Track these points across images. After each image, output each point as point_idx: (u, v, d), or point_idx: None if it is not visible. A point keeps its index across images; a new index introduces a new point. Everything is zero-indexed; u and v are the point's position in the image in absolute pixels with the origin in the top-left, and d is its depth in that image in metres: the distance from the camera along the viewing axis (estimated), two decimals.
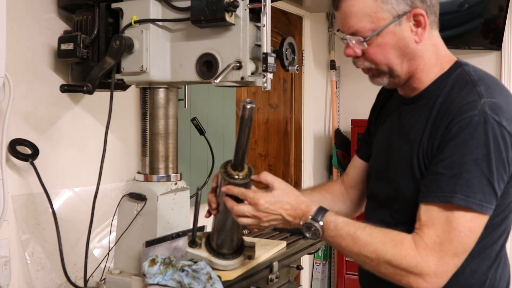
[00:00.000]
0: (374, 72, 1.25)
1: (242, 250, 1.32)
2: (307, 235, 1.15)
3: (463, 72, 1.19)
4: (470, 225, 1.06)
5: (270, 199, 1.16)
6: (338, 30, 1.26)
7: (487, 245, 1.18)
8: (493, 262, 1.21)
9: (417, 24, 1.17)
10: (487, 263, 1.20)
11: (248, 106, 1.11)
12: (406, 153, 1.20)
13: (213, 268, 1.29)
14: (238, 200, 1.18)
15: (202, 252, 1.30)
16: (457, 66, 1.21)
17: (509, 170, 1.08)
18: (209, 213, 1.28)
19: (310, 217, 1.15)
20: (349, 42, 1.20)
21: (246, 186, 1.19)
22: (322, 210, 1.16)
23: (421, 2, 1.16)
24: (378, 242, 1.10)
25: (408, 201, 1.19)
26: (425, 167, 1.16)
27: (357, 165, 1.50)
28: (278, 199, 1.17)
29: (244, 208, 1.17)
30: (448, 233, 1.05)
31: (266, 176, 1.20)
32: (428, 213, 1.08)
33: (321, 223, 1.14)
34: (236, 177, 1.18)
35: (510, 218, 1.22)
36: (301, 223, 1.15)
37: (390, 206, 1.26)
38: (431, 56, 1.21)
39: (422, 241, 1.07)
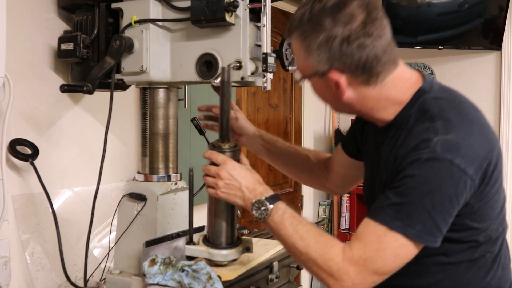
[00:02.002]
0: None
1: (240, 243, 1.33)
2: (254, 213, 1.19)
3: (424, 103, 1.16)
4: (398, 251, 1.08)
5: (238, 167, 1.22)
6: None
7: (481, 254, 1.19)
8: (490, 268, 1.21)
9: (337, 84, 1.15)
10: (483, 270, 1.20)
11: (226, 67, 1.18)
12: (380, 185, 1.21)
13: (213, 261, 1.29)
14: None
15: (200, 247, 1.30)
16: (419, 95, 1.17)
17: (459, 204, 1.08)
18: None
19: (264, 197, 1.19)
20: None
21: (232, 156, 1.25)
22: (276, 197, 1.21)
23: (341, 64, 1.12)
24: (312, 240, 1.14)
25: None
26: None
27: (340, 159, 1.51)
28: (245, 171, 1.23)
29: (212, 166, 1.23)
30: (375, 252, 1.08)
31: (243, 157, 1.28)
32: (365, 227, 1.11)
33: (272, 205, 1.18)
34: (223, 147, 1.25)
35: (503, 231, 1.23)
36: (254, 200, 1.20)
37: None
38: (376, 104, 1.18)
39: (350, 251, 1.10)
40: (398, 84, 1.18)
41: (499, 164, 1.14)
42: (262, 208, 1.18)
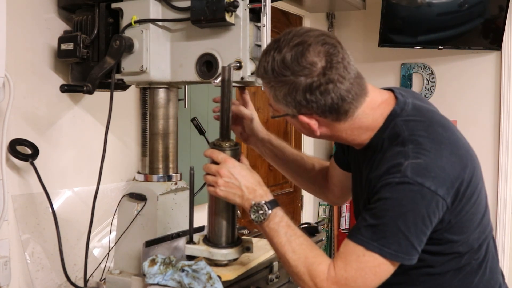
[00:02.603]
0: None
1: (240, 242, 1.33)
2: (252, 215, 1.20)
3: (395, 127, 1.18)
4: (376, 270, 1.12)
5: (238, 165, 1.23)
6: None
7: (467, 262, 1.21)
8: (476, 272, 1.23)
9: (308, 124, 1.19)
10: (470, 277, 1.23)
11: (226, 66, 1.19)
12: (364, 199, 1.23)
13: (213, 260, 1.30)
14: None
15: (200, 246, 1.31)
16: (391, 119, 1.20)
17: (432, 222, 1.11)
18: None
19: (264, 201, 1.20)
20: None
21: (233, 154, 1.25)
22: (276, 202, 1.22)
23: (307, 109, 1.15)
24: (302, 254, 1.18)
25: None
26: None
27: (333, 172, 1.53)
28: (245, 170, 1.23)
29: (212, 165, 1.24)
30: (355, 271, 1.12)
31: (243, 157, 1.29)
32: (346, 247, 1.15)
33: (270, 211, 1.20)
34: (224, 146, 1.25)
35: (488, 238, 1.25)
36: (253, 202, 1.20)
37: None
38: (351, 134, 1.22)
39: (333, 271, 1.14)
40: (369, 113, 1.20)
41: (474, 178, 1.17)
42: (261, 212, 1.20)
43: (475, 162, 1.19)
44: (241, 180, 1.21)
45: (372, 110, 1.20)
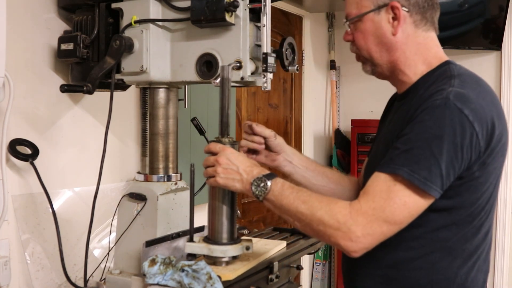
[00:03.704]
0: (362, 59, 1.34)
1: (240, 241, 1.34)
2: (254, 190, 1.21)
3: (448, 68, 1.24)
4: (406, 199, 1.10)
5: (235, 152, 1.26)
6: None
7: (458, 243, 1.20)
8: (465, 262, 1.22)
9: (395, 17, 1.24)
10: (458, 261, 1.21)
11: (225, 65, 1.23)
12: (388, 141, 1.23)
13: (212, 257, 1.30)
14: None
15: (200, 244, 1.32)
16: (445, 64, 1.27)
17: (463, 158, 1.10)
18: None
19: (262, 175, 1.21)
20: (346, 27, 1.32)
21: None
22: (274, 174, 1.24)
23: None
24: (315, 200, 1.16)
25: None
26: None
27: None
28: (242, 156, 1.26)
29: (211, 156, 1.27)
30: (384, 201, 1.10)
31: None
32: (374, 180, 1.14)
33: (270, 181, 1.20)
34: (223, 140, 1.28)
35: (486, 219, 1.23)
36: (252, 179, 1.21)
37: None
38: (414, 53, 1.27)
39: (358, 203, 1.11)
40: (433, 46, 1.28)
41: (504, 140, 1.18)
42: (261, 184, 1.20)
43: (507, 132, 1.21)
44: (239, 165, 1.23)
45: (435, 47, 1.29)
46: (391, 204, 1.09)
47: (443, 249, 1.19)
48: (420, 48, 1.27)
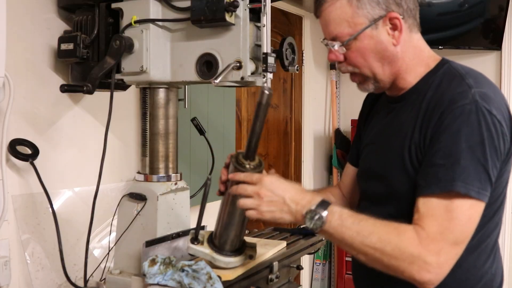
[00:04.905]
0: (360, 78, 1.28)
1: (244, 249, 1.33)
2: (309, 224, 1.12)
3: (450, 67, 1.22)
4: (469, 213, 1.07)
5: (276, 180, 1.16)
6: (323, 39, 1.30)
7: (482, 239, 1.20)
8: (489, 256, 1.22)
9: (394, 27, 1.20)
10: (483, 257, 1.21)
11: (267, 92, 1.12)
12: (397, 148, 1.21)
13: (215, 265, 1.29)
14: None
15: (204, 249, 1.30)
16: (444, 63, 1.25)
17: (501, 159, 1.10)
18: (219, 192, 1.26)
19: (315, 205, 1.12)
20: (331, 47, 1.25)
21: None
22: (326, 201, 1.15)
23: (396, 6, 1.20)
24: (382, 232, 1.09)
25: (401, 195, 1.20)
26: (417, 160, 1.16)
27: (350, 172, 1.52)
28: (284, 184, 1.16)
29: (248, 186, 1.15)
30: (449, 222, 1.05)
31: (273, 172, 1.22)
32: (427, 204, 1.08)
33: (326, 212, 1.11)
34: (247, 166, 1.18)
35: (501, 211, 1.23)
36: (304, 211, 1.13)
37: (384, 203, 1.27)
38: (412, 58, 1.25)
39: (423, 231, 1.06)
40: (425, 46, 1.27)
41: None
42: (316, 217, 1.11)
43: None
44: (285, 195, 1.14)
45: (426, 46, 1.27)
46: (457, 224, 1.05)
47: (469, 248, 1.14)
48: (416, 51, 1.25)
